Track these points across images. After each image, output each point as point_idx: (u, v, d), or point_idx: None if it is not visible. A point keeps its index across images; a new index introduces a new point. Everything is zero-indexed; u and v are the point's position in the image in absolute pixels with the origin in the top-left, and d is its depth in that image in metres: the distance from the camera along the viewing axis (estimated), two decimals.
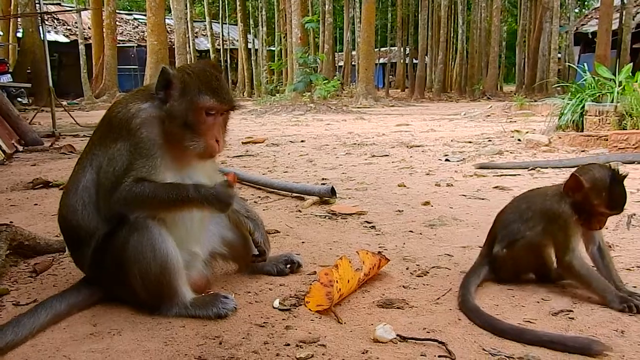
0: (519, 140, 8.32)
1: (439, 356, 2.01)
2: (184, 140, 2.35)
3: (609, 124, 7.29)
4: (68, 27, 35.38)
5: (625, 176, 2.56)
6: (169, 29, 28.45)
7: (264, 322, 2.31)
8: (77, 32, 29.41)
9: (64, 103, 16.62)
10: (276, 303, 2.50)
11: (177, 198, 2.29)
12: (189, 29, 37.10)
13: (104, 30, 27.70)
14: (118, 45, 29.71)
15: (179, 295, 2.34)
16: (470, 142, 8.81)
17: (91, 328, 2.27)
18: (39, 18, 12.29)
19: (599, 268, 2.61)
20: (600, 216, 2.56)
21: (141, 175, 2.29)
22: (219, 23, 42.28)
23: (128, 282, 2.31)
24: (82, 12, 30.10)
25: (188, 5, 35.70)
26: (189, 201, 2.31)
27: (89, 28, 32.05)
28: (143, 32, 35.38)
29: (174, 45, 25.40)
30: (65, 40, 34.18)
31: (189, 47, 34.95)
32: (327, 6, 33.23)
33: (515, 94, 26.66)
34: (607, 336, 2.17)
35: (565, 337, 2.12)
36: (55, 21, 35.34)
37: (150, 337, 2.17)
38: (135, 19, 42.35)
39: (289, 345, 2.10)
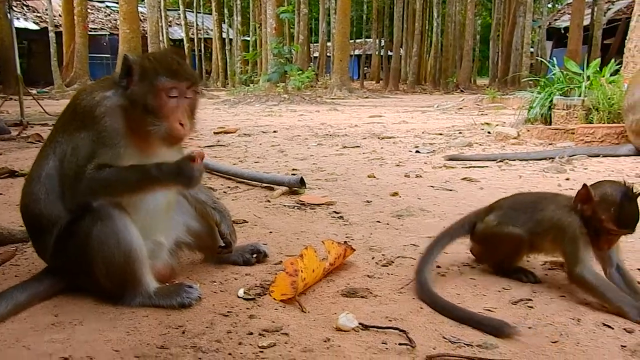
0: (489, 132, 8.42)
1: (400, 344, 2.04)
2: (147, 125, 2.31)
3: (576, 117, 7.41)
4: (38, 14, 34.75)
5: (639, 194, 2.45)
6: (142, 17, 28.10)
7: (228, 312, 2.31)
8: (47, 19, 28.84)
9: (33, 91, 16.36)
10: (241, 292, 2.51)
11: (140, 178, 2.28)
12: (162, 18, 36.73)
13: (75, 17, 27.20)
14: (90, 33, 29.28)
15: (143, 284, 2.33)
16: (441, 134, 8.89)
17: (53, 318, 2.25)
18: (7, 4, 12.02)
19: (621, 289, 2.46)
20: (608, 234, 2.45)
21: (103, 161, 2.27)
22: (193, 12, 41.92)
23: (91, 271, 2.29)
24: None
25: None
26: (152, 180, 2.29)
27: (59, 15, 31.48)
28: (115, 20, 34.94)
29: (147, 34, 25.11)
30: (35, 27, 33.58)
31: (163, 36, 34.63)
32: None
33: (488, 87, 26.94)
34: (564, 324, 2.22)
35: (480, 317, 2.23)
36: (24, 8, 34.69)
37: (112, 327, 2.16)
38: (107, 6, 41.74)
39: (252, 334, 2.11)
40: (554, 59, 9.83)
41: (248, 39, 41.66)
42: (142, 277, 2.33)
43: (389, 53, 39.77)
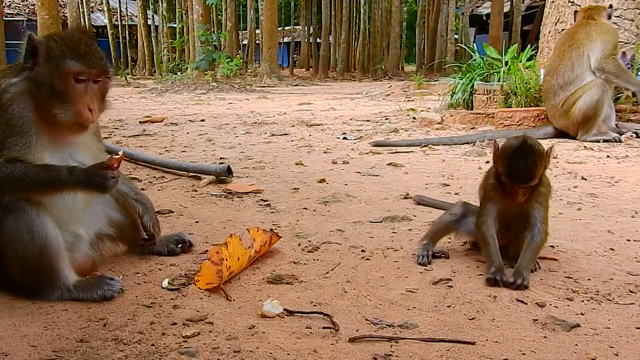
0: (414, 118, 8.58)
1: (324, 328, 2.07)
2: (53, 109, 2.24)
3: (495, 102, 7.66)
4: None
5: (536, 150, 2.55)
6: (61, 3, 27.05)
7: (152, 303, 2.29)
8: None
9: None
10: (165, 283, 2.48)
11: (49, 182, 2.22)
12: (84, 3, 35.52)
13: None
14: (5, 18, 27.88)
15: (61, 278, 2.27)
16: (368, 121, 9.00)
17: None
18: None
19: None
20: (508, 187, 2.59)
21: (13, 154, 2.19)
22: None
23: (5, 266, 2.22)
24: None
25: None
26: (61, 185, 2.23)
27: None
28: (33, 5, 33.40)
29: (67, 20, 24.21)
30: None
31: (84, 22, 33.40)
32: None
33: (415, 74, 27.42)
34: (481, 301, 2.32)
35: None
36: None
37: (29, 322, 2.10)
38: None
39: (175, 324, 2.10)
40: (475, 45, 10.10)
41: (174, 25, 40.67)
42: (60, 270, 2.27)
43: (318, 40, 39.80)
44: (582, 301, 2.32)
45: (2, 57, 25.56)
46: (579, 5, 7.61)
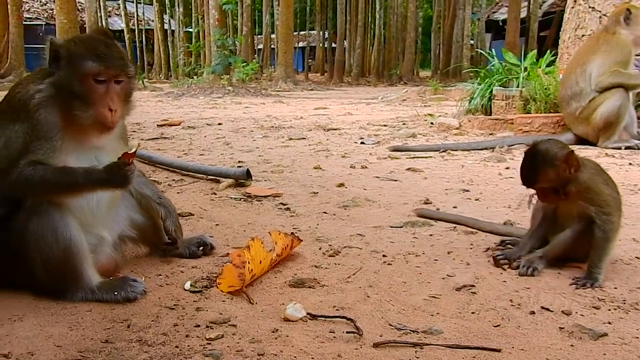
0: (432, 123, 8.55)
1: (347, 332, 2.06)
2: (74, 111, 2.25)
3: (514, 108, 7.60)
4: None
5: (540, 155, 2.64)
6: (79, 7, 27.31)
7: (175, 305, 2.29)
8: None
9: None
10: (187, 285, 2.48)
11: (67, 184, 2.24)
12: (101, 8, 35.81)
13: (9, 6, 26.19)
14: (25, 22, 28.23)
15: (85, 279, 2.28)
16: (385, 126, 8.98)
17: None
18: None
19: None
20: None
21: (36, 158, 2.21)
22: (133, 2, 40.98)
23: (29, 268, 2.23)
24: None
25: None
26: (79, 186, 2.25)
27: None
28: (52, 9, 33.81)
29: (85, 24, 24.44)
30: None
31: (102, 26, 33.71)
32: None
33: (430, 79, 27.36)
34: (505, 308, 2.29)
35: None
36: None
37: (54, 322, 2.11)
38: None
39: (199, 326, 2.10)
40: (493, 50, 10.06)
41: (190, 30, 40.97)
42: (84, 271, 2.28)
43: (333, 45, 39.86)
44: (609, 310, 2.29)
45: (21, 60, 25.91)
46: (600, 11, 7.55)
